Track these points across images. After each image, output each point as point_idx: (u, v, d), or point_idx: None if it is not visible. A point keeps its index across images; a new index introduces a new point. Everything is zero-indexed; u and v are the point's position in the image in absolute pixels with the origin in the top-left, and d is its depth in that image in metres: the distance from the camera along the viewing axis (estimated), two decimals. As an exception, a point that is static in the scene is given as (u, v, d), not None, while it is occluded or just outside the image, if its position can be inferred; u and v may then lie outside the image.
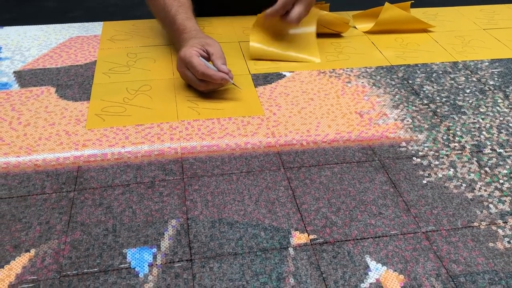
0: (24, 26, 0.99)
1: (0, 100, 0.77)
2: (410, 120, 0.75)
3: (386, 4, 0.99)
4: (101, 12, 3.00)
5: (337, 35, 0.99)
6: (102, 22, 1.01)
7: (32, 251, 0.53)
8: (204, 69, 0.74)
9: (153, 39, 0.95)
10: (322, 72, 0.87)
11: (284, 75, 0.86)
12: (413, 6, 1.04)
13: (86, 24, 1.01)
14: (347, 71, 0.87)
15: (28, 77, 0.83)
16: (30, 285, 0.49)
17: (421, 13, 1.09)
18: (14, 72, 0.84)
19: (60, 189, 0.61)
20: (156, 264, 0.52)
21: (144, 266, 0.51)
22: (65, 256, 0.52)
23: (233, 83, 0.77)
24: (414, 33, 1.01)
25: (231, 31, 0.99)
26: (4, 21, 2.74)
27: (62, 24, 1.01)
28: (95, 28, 1.00)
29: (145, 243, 0.54)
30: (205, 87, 0.77)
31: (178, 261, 0.52)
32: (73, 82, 0.82)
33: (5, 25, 0.99)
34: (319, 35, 0.98)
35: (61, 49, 0.92)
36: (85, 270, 0.51)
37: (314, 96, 0.80)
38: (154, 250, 0.53)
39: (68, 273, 0.50)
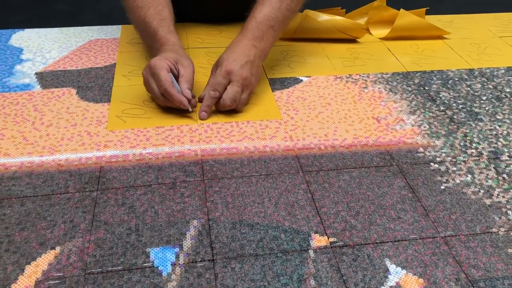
0: (44, 29, 1.01)
1: (23, 100, 0.78)
2: (427, 126, 0.76)
3: (402, 10, 1.00)
4: (112, 15, 3.03)
5: (353, 40, 1.00)
6: (120, 26, 1.03)
7: (58, 249, 0.54)
8: (168, 86, 0.71)
9: (171, 43, 0.96)
10: (339, 77, 0.88)
11: (301, 80, 0.87)
12: (428, 13, 1.05)
13: (105, 27, 1.03)
14: (363, 76, 0.88)
15: (49, 79, 0.84)
16: (56, 281, 0.50)
17: (436, 20, 1.09)
18: (36, 73, 0.86)
19: (83, 188, 0.62)
20: (179, 264, 0.52)
21: (167, 265, 0.52)
22: (89, 254, 0.53)
23: (191, 111, 0.74)
24: (430, 39, 1.02)
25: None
26: (17, 23, 2.78)
27: (81, 27, 1.02)
28: (114, 31, 1.01)
29: (167, 243, 0.55)
30: (163, 103, 0.75)
31: (201, 261, 0.53)
32: (94, 84, 0.83)
33: (18, 27, 1.01)
34: (335, 40, 0.99)
35: (81, 52, 0.93)
36: (109, 268, 0.52)
37: (331, 101, 0.81)
38: (177, 249, 0.54)
39: (93, 270, 0.51)
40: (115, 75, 0.85)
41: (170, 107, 0.75)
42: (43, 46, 0.95)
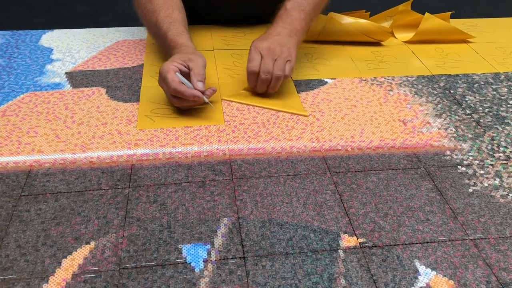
0: (73, 29, 1.03)
1: (54, 99, 0.80)
2: (454, 129, 0.76)
3: (427, 14, 1.00)
4: (131, 17, 3.07)
5: (377, 43, 1.00)
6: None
7: (92, 244, 0.55)
8: (176, 85, 0.72)
9: (196, 44, 0.98)
10: (364, 80, 0.88)
11: (326, 82, 0.87)
12: (452, 16, 1.05)
13: (131, 28, 1.05)
14: (388, 79, 0.89)
15: (79, 78, 0.86)
16: (92, 275, 0.51)
17: (461, 24, 1.09)
18: (66, 73, 0.88)
19: (115, 185, 0.63)
20: (211, 260, 0.53)
21: (199, 261, 0.53)
22: (123, 250, 0.54)
23: (207, 102, 0.75)
24: (454, 43, 1.02)
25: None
26: (39, 24, 2.83)
27: (108, 28, 1.04)
28: (141, 32, 1.03)
29: (199, 240, 0.56)
30: (179, 104, 0.75)
31: (232, 258, 0.54)
32: (122, 84, 0.84)
33: (40, 28, 1.03)
34: (359, 43, 1.00)
35: (109, 52, 0.95)
36: (143, 264, 0.53)
37: (357, 103, 0.81)
38: (208, 246, 0.55)
39: (127, 265, 0.53)
40: (143, 76, 0.87)
41: (190, 107, 0.76)
42: (72, 47, 0.97)
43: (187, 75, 0.75)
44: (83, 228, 0.57)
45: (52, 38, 1.00)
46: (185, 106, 0.76)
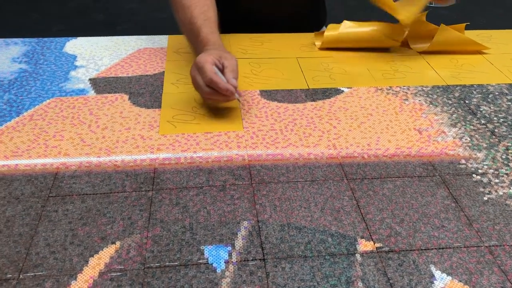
0: (95, 37, 1.06)
1: (79, 104, 0.83)
2: (469, 139, 0.77)
3: (442, 25, 1.01)
4: (148, 26, 3.12)
5: (392, 53, 1.02)
6: (167, 36, 1.07)
7: (118, 243, 0.57)
8: (213, 75, 0.75)
9: (216, 53, 1.00)
10: (380, 89, 0.90)
11: (343, 91, 0.89)
12: (467, 28, 1.06)
13: (152, 36, 1.08)
14: (404, 89, 0.90)
15: (102, 85, 0.89)
16: (118, 273, 0.53)
17: (475, 35, 1.10)
18: (90, 79, 0.91)
19: (139, 188, 0.65)
20: (232, 261, 0.55)
21: (220, 262, 0.55)
22: (147, 250, 0.56)
23: (238, 99, 0.77)
24: (469, 54, 1.03)
25: (289, 48, 1.03)
26: (57, 32, 2.89)
27: (130, 36, 1.07)
28: (161, 41, 1.06)
29: (220, 242, 0.58)
30: (210, 95, 0.77)
31: (252, 260, 0.55)
32: (145, 91, 0.87)
33: (58, 36, 1.07)
34: (374, 53, 1.01)
35: (131, 60, 0.98)
36: (167, 263, 0.55)
37: (373, 112, 0.83)
38: (229, 248, 0.57)
39: (152, 265, 0.55)
40: (164, 83, 0.90)
41: (218, 103, 0.79)
42: (95, 54, 1.00)
43: (220, 71, 0.78)
44: (108, 228, 0.59)
45: (75, 46, 1.03)
46: (214, 100, 0.79)
